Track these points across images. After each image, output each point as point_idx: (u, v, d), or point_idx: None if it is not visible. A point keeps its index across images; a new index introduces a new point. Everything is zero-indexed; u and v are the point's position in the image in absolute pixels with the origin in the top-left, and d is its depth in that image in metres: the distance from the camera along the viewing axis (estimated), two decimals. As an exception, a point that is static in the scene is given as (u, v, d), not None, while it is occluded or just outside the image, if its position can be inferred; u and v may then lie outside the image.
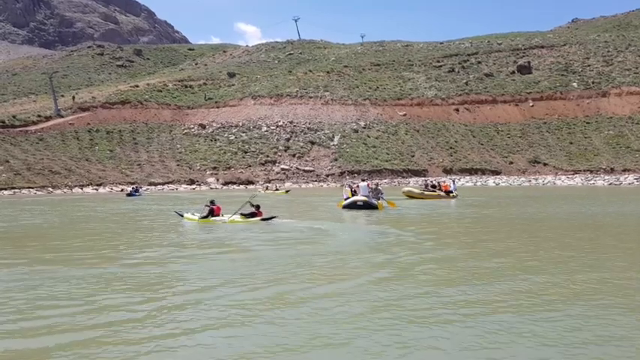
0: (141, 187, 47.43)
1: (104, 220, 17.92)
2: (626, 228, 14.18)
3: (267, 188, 44.03)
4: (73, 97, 72.31)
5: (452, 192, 29.11)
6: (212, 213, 15.97)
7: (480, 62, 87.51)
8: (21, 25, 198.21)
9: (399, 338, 4.63)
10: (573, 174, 58.79)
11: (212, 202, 16.29)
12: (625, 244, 10.95)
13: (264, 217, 15.67)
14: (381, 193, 21.85)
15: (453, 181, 32.70)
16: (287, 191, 40.91)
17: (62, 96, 75.62)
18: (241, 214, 15.71)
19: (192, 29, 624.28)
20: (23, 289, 6.72)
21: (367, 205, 19.82)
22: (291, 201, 29.86)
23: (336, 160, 62.50)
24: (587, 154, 64.23)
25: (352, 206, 20.15)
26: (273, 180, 57.23)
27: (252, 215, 15.75)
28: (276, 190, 42.47)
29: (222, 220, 15.67)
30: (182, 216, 16.87)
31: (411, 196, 27.90)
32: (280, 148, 64.05)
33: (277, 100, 74.64)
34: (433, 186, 30.20)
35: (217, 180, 56.69)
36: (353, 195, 21.21)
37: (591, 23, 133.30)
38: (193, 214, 16.59)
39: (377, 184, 25.11)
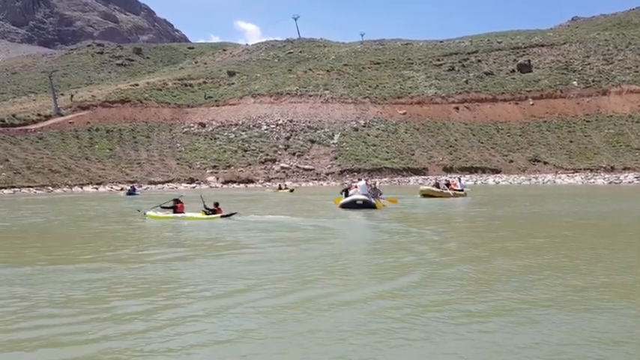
0: (141, 186, 47.40)
1: (105, 220, 17.86)
2: None
3: (279, 187, 43.39)
4: (72, 96, 72.24)
5: (462, 190, 29.14)
6: (175, 210, 16.59)
7: (480, 61, 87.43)
8: (20, 24, 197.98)
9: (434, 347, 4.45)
10: (573, 172, 58.77)
11: (176, 200, 16.95)
12: None
13: (224, 214, 16.15)
14: (380, 192, 21.71)
15: (459, 180, 32.68)
16: (291, 190, 40.72)
17: (62, 95, 75.52)
18: (203, 211, 16.24)
19: (192, 28, 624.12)
20: (22, 292, 6.61)
21: (366, 205, 19.38)
22: (293, 200, 29.78)
23: (336, 158, 62.48)
24: (588, 152, 64.21)
25: (351, 205, 19.64)
26: (273, 179, 57.21)
27: (212, 212, 16.20)
28: (285, 188, 42.12)
29: (183, 216, 16.35)
30: (145, 214, 17.18)
31: (429, 195, 27.32)
32: (280, 146, 64.02)
33: (277, 98, 74.59)
34: (447, 184, 30.22)
35: (217, 179, 56.65)
36: (347, 196, 20.62)
37: (591, 21, 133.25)
38: (156, 212, 17.01)
39: (375, 183, 24.91)
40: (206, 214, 16.15)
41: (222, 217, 16.03)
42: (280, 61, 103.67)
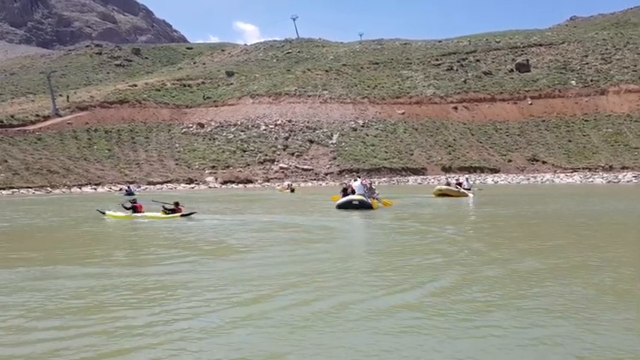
0: (139, 187, 47.37)
1: (104, 220, 17.79)
2: None
3: (287, 187, 43.10)
4: (68, 97, 72.14)
5: (469, 189, 29.29)
6: (135, 210, 16.79)
7: (478, 60, 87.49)
8: (19, 25, 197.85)
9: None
10: (572, 172, 58.82)
11: (134, 201, 17.30)
12: None
13: (184, 213, 16.21)
14: (375, 192, 21.59)
15: (467, 179, 32.81)
16: (292, 190, 40.63)
17: (60, 95, 75.47)
18: (163, 211, 16.36)
19: (191, 28, 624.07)
20: (20, 297, 6.49)
21: (362, 205, 19.08)
22: (294, 200, 29.71)
23: (334, 158, 62.51)
24: (586, 152, 64.28)
25: (347, 206, 19.36)
26: (271, 179, 57.26)
27: (172, 212, 16.28)
28: (288, 188, 41.96)
29: (143, 216, 16.50)
30: (104, 213, 17.32)
31: (445, 194, 27.15)
32: (279, 146, 64.04)
33: (276, 98, 74.60)
34: (458, 184, 30.28)
35: (216, 179, 56.67)
36: (345, 195, 20.40)
37: (590, 21, 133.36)
38: (115, 212, 17.21)
39: (371, 183, 24.75)
40: (166, 213, 16.16)
41: (182, 216, 15.99)
42: (279, 61, 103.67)
